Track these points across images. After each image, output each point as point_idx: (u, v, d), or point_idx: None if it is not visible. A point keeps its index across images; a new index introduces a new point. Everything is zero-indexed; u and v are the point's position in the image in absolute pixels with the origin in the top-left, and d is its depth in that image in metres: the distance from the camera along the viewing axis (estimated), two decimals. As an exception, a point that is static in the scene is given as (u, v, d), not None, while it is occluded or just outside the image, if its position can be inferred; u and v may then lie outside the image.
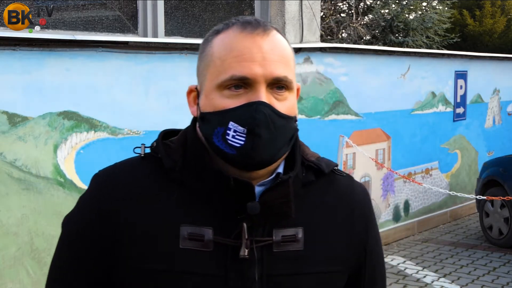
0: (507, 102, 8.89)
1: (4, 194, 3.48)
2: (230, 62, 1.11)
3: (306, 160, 1.23)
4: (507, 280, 5.47)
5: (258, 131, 1.08)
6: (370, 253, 1.26)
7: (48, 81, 3.67)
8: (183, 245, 1.12)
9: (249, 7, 5.59)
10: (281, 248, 1.15)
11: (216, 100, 1.12)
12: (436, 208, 7.57)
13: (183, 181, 1.15)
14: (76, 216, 1.21)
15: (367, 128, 6.36)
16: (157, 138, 1.22)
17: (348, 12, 13.16)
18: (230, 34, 1.14)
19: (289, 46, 1.18)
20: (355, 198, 1.26)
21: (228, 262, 1.12)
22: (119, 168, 1.21)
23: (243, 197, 1.11)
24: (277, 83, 1.12)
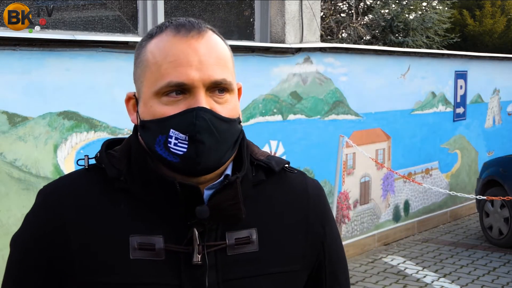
0: (507, 102, 8.89)
1: (4, 194, 3.48)
2: (166, 68, 1.08)
3: (256, 160, 1.20)
4: (507, 280, 5.47)
5: (200, 137, 1.06)
6: (328, 248, 1.24)
7: (48, 81, 3.67)
8: (134, 255, 1.09)
9: (249, 7, 5.59)
10: (235, 251, 1.12)
11: (155, 107, 1.09)
12: (436, 208, 7.57)
13: (129, 190, 1.12)
14: (22, 235, 1.18)
15: (367, 128, 6.36)
16: (101, 148, 1.19)
17: (348, 12, 13.16)
18: (164, 38, 1.11)
19: (226, 46, 1.15)
20: (309, 195, 1.23)
21: (182, 269, 1.10)
22: (63, 182, 1.18)
23: (191, 202, 1.09)
24: (216, 86, 1.09)
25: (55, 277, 1.13)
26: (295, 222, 1.20)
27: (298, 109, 5.48)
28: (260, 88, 5.13)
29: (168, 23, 1.13)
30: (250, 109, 5.04)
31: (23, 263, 1.15)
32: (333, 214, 1.30)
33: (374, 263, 5.99)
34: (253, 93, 5.05)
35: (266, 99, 5.18)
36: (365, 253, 6.34)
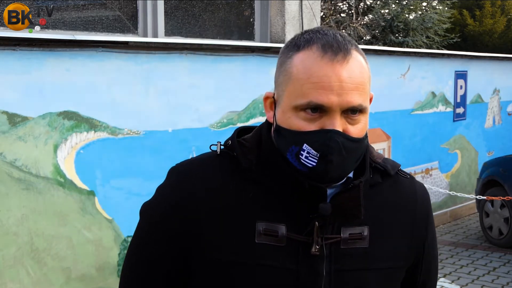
0: (507, 102, 8.89)
1: (4, 194, 3.48)
2: (308, 88, 1.16)
3: (373, 162, 1.30)
4: (507, 280, 5.47)
5: (331, 158, 1.15)
6: (427, 249, 1.35)
7: (48, 81, 3.67)
8: (259, 239, 1.19)
9: (249, 7, 5.59)
10: (348, 245, 1.22)
11: (292, 119, 1.18)
12: (436, 208, 7.56)
13: (257, 180, 1.22)
14: (154, 206, 1.27)
15: (367, 128, 6.35)
16: (232, 136, 1.28)
17: (348, 12, 13.16)
18: (311, 57, 1.17)
19: (366, 66, 1.23)
20: (417, 198, 1.35)
21: (300, 257, 1.20)
22: (196, 163, 1.28)
23: (315, 199, 1.19)
24: (352, 109, 1.18)
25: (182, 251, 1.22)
26: (403, 223, 1.30)
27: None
28: (260, 88, 5.13)
29: (316, 37, 1.19)
30: (250, 109, 5.04)
31: (153, 234, 1.25)
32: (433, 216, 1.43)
33: (374, 263, 5.98)
34: (253, 93, 5.05)
35: (266, 99, 5.17)
36: (365, 253, 6.34)
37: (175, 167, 1.29)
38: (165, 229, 1.23)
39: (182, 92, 4.38)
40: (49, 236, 3.65)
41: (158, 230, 1.24)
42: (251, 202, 1.21)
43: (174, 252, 1.23)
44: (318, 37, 1.19)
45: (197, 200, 1.21)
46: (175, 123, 4.35)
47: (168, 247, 1.23)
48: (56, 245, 3.69)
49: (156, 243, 1.25)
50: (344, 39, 1.19)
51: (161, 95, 4.26)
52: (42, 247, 3.63)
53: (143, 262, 1.27)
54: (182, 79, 4.37)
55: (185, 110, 4.40)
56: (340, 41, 1.18)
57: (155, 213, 1.26)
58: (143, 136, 4.14)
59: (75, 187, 3.78)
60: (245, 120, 4.97)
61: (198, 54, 4.48)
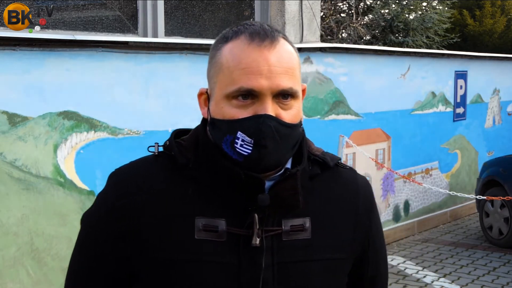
0: (507, 102, 8.89)
1: (4, 194, 3.48)
2: (238, 74, 1.17)
3: (312, 155, 1.31)
4: (507, 280, 5.47)
5: (264, 142, 1.16)
6: (373, 239, 1.35)
7: (48, 81, 3.67)
8: (198, 236, 1.19)
9: (249, 7, 5.59)
10: (290, 237, 1.22)
11: (225, 108, 1.19)
12: (436, 208, 7.56)
13: (196, 177, 1.23)
14: (93, 212, 1.29)
15: (367, 128, 6.36)
16: (170, 137, 1.29)
17: (348, 12, 13.16)
18: (239, 45, 1.19)
19: (295, 53, 1.24)
20: (359, 189, 1.34)
21: (241, 250, 1.20)
22: (134, 165, 1.30)
23: (253, 190, 1.19)
24: (282, 93, 1.19)
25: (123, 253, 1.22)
26: (345, 213, 1.31)
27: (298, 109, 5.47)
28: (260, 88, 5.13)
29: (244, 28, 1.21)
30: (250, 109, 5.04)
31: (93, 240, 1.27)
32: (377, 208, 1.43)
33: (374, 263, 5.98)
34: (253, 93, 5.05)
35: (266, 99, 5.17)
36: (365, 253, 6.34)
37: (113, 172, 1.30)
38: (104, 231, 1.24)
39: (182, 92, 4.38)
40: (49, 236, 3.65)
41: (97, 234, 1.25)
42: (190, 199, 1.21)
43: (114, 254, 1.23)
44: (245, 27, 1.21)
45: (134, 200, 1.22)
46: (175, 123, 4.35)
47: (108, 249, 1.24)
48: (56, 245, 3.69)
49: (96, 246, 1.25)
50: (271, 28, 1.22)
51: (161, 95, 4.26)
52: (42, 247, 3.63)
53: (84, 266, 1.28)
54: (182, 79, 4.37)
55: (185, 110, 4.40)
56: (267, 29, 1.20)
57: (93, 218, 1.28)
58: (143, 136, 4.14)
59: (75, 187, 3.78)
60: (245, 120, 4.96)
61: (198, 54, 4.48)
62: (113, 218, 1.23)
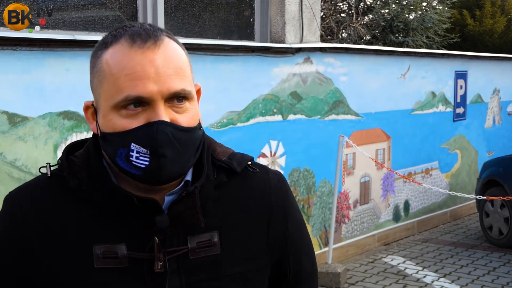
0: (507, 102, 8.89)
1: (4, 194, 3.48)
2: (123, 81, 1.07)
3: (217, 161, 1.21)
4: (507, 280, 5.47)
5: (162, 151, 1.06)
6: (291, 237, 1.27)
7: (48, 81, 3.67)
8: (98, 264, 1.10)
9: (249, 7, 5.59)
10: (197, 254, 1.14)
11: (114, 120, 1.09)
12: (436, 208, 7.57)
13: (90, 200, 1.13)
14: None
15: (367, 128, 6.36)
16: (62, 155, 1.19)
17: (348, 12, 13.16)
18: (120, 49, 1.09)
19: (184, 52, 1.15)
20: (271, 191, 1.25)
21: (146, 276, 1.11)
22: (26, 189, 1.19)
23: (151, 212, 1.10)
24: (175, 96, 1.09)
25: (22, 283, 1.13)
26: (257, 221, 1.22)
27: (298, 109, 5.48)
28: (260, 88, 5.13)
29: (123, 31, 1.11)
30: (250, 109, 5.04)
31: None
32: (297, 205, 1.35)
33: (374, 263, 5.99)
34: (253, 93, 5.05)
35: (266, 99, 5.18)
36: (365, 253, 6.34)
37: (7, 195, 1.21)
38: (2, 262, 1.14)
39: (182, 92, 4.37)
40: (49, 236, 3.65)
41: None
42: (86, 224, 1.12)
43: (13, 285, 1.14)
44: (125, 30, 1.11)
45: (28, 229, 1.12)
46: (175, 123, 4.34)
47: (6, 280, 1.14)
48: (56, 245, 3.69)
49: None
50: (153, 27, 1.12)
51: (161, 95, 4.26)
52: (42, 247, 3.63)
53: None
54: (182, 79, 4.37)
55: (185, 110, 4.39)
56: (149, 29, 1.10)
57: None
58: (143, 136, 4.14)
59: (75, 187, 3.78)
60: (245, 120, 4.97)
61: (198, 54, 4.48)
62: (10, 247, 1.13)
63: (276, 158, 5.29)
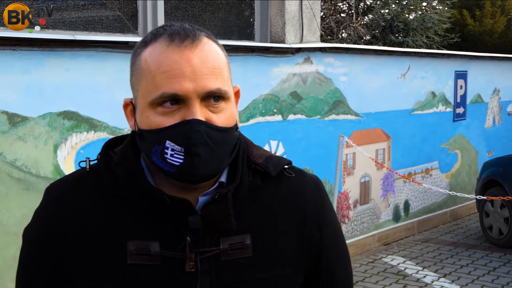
0: (507, 102, 8.89)
1: (4, 194, 3.48)
2: (160, 79, 1.08)
3: (253, 163, 1.20)
4: (507, 280, 5.47)
5: (196, 150, 1.07)
6: (326, 250, 1.24)
7: (48, 81, 3.67)
8: (131, 260, 1.11)
9: (249, 7, 5.59)
10: (229, 256, 1.14)
11: (151, 118, 1.10)
12: (436, 208, 7.57)
13: (125, 197, 1.14)
14: (30, 231, 1.20)
15: (367, 128, 6.36)
16: (101, 151, 1.20)
17: (348, 12, 13.16)
18: (158, 47, 1.10)
19: (222, 52, 1.15)
20: (306, 197, 1.23)
21: (177, 275, 1.12)
22: (66, 182, 1.21)
23: (184, 212, 1.11)
24: (211, 96, 1.09)
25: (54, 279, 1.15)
26: (290, 226, 1.20)
27: (298, 109, 5.48)
28: (260, 88, 5.13)
29: (163, 30, 1.13)
30: (250, 109, 5.04)
31: (29, 255, 1.19)
32: (333, 210, 1.31)
33: (374, 263, 5.99)
34: (253, 93, 5.05)
35: (266, 99, 5.18)
36: (365, 253, 6.34)
37: (47, 187, 1.22)
38: (38, 255, 1.16)
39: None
40: (49, 236, 3.65)
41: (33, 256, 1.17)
42: (120, 220, 1.13)
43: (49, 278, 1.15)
44: (165, 29, 1.12)
45: (64, 221, 1.14)
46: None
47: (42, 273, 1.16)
48: (56, 245, 3.69)
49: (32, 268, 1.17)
50: (192, 27, 1.13)
51: (161, 95, 4.26)
52: (42, 247, 3.63)
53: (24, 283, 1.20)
54: (182, 79, 4.37)
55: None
56: (188, 28, 1.12)
57: (30, 238, 1.20)
58: (143, 136, 4.14)
59: (75, 187, 3.78)
60: (245, 120, 4.97)
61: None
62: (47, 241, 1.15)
63: (276, 158, 5.29)
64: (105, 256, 1.12)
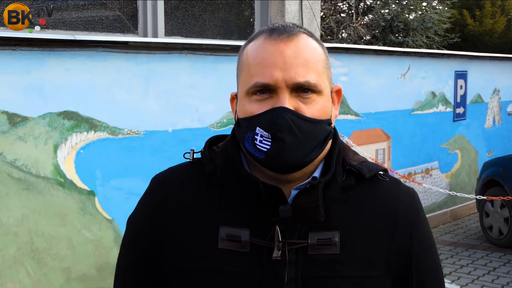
0: (507, 102, 8.89)
1: (4, 194, 3.48)
2: (254, 69, 1.15)
3: (348, 164, 1.23)
4: (507, 280, 5.47)
5: (280, 135, 1.11)
6: (416, 259, 1.24)
7: (48, 81, 3.67)
8: (222, 245, 1.17)
9: (249, 7, 5.59)
10: (316, 251, 1.17)
11: (246, 106, 1.16)
12: (436, 208, 7.57)
13: (223, 185, 1.20)
14: (134, 216, 1.30)
15: (367, 128, 6.36)
16: (204, 145, 1.28)
17: (348, 12, 13.16)
18: (258, 42, 1.18)
19: (321, 50, 1.21)
20: (399, 203, 1.24)
21: (264, 263, 1.16)
22: (170, 172, 1.29)
23: (276, 201, 1.15)
24: (301, 87, 1.14)
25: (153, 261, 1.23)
26: (380, 229, 1.21)
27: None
28: (260, 88, 5.13)
29: (267, 27, 1.20)
30: (250, 109, 5.03)
31: (131, 243, 1.28)
32: (428, 224, 1.31)
33: (374, 263, 5.98)
34: (253, 93, 5.05)
35: (266, 99, 5.17)
36: (365, 253, 6.34)
37: (154, 176, 1.30)
38: (141, 238, 1.25)
39: (182, 92, 4.38)
40: (49, 236, 3.65)
41: (136, 239, 1.26)
42: (216, 207, 1.19)
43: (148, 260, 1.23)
44: (269, 27, 1.20)
45: (166, 208, 1.22)
46: (175, 123, 4.35)
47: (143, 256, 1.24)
48: (56, 245, 3.69)
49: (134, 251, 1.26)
50: (294, 25, 1.19)
51: (161, 95, 4.26)
52: (42, 247, 3.63)
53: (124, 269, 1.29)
54: (182, 79, 4.37)
55: (185, 110, 4.39)
56: (287, 25, 1.18)
57: (133, 223, 1.29)
58: (143, 136, 4.14)
59: (75, 187, 3.78)
60: (245, 120, 4.96)
61: (198, 54, 4.48)
62: (149, 224, 1.23)
63: (276, 158, 5.29)
64: (199, 239, 1.18)
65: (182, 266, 1.19)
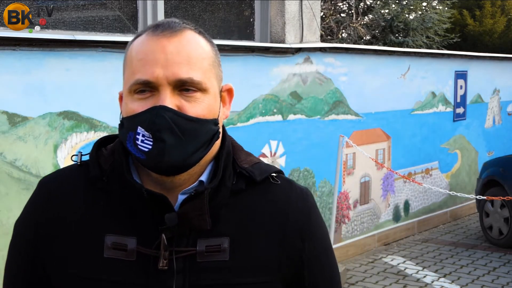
0: (507, 102, 8.89)
1: (4, 194, 3.48)
2: (136, 66, 1.11)
3: (239, 167, 1.19)
4: (507, 280, 5.47)
5: (160, 135, 1.07)
6: (308, 263, 1.20)
7: (48, 81, 3.67)
8: (107, 254, 1.13)
9: (249, 7, 5.59)
10: (205, 258, 1.13)
11: (128, 105, 1.12)
12: (436, 208, 7.57)
13: (109, 191, 1.15)
14: (19, 221, 1.25)
15: (367, 128, 6.36)
16: (93, 146, 1.22)
17: (348, 12, 13.16)
18: (142, 38, 1.14)
19: (208, 46, 1.17)
20: (290, 207, 1.20)
21: (150, 272, 1.12)
22: (57, 175, 1.24)
23: (162, 208, 1.11)
24: (183, 85, 1.10)
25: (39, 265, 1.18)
26: (271, 234, 1.17)
27: (298, 109, 5.48)
28: (260, 88, 5.13)
29: (153, 24, 1.16)
30: (250, 109, 5.04)
31: (17, 248, 1.23)
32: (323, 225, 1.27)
33: (374, 263, 5.99)
34: (253, 93, 5.05)
35: (266, 99, 5.18)
36: (365, 253, 6.34)
37: (41, 179, 1.26)
38: (27, 244, 1.20)
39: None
40: (49, 236, 3.65)
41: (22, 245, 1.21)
42: (101, 214, 1.14)
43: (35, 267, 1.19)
44: (154, 24, 1.16)
45: (52, 214, 1.17)
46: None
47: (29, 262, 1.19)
48: (56, 245, 3.69)
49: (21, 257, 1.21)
50: (181, 21, 1.15)
51: (161, 95, 4.26)
52: (42, 247, 3.63)
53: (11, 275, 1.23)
54: (182, 79, 4.37)
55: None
56: (174, 21, 1.14)
57: (19, 228, 1.24)
58: (143, 136, 4.14)
59: (75, 187, 3.78)
60: (245, 120, 4.97)
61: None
62: (32, 230, 1.19)
63: (276, 158, 5.29)
64: (85, 247, 1.14)
65: (69, 273, 1.14)
